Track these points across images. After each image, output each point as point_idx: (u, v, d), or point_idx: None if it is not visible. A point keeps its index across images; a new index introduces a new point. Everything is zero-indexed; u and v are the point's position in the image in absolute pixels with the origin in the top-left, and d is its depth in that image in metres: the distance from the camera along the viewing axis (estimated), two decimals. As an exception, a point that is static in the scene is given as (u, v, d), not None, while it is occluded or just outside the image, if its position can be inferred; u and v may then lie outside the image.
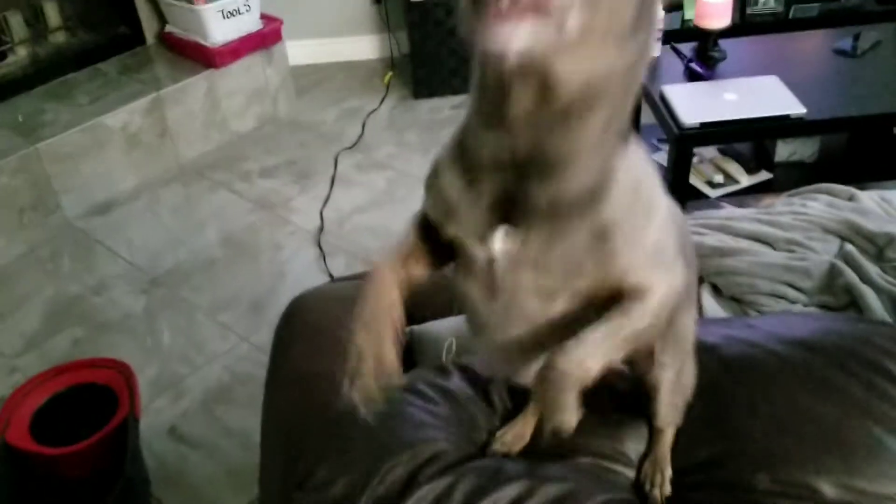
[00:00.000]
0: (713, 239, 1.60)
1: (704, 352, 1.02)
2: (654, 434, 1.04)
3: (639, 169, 0.76)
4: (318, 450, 1.07)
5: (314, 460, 1.02)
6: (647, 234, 0.77)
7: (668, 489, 0.98)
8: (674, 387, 1.00)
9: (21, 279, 2.55)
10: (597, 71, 0.64)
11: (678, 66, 2.47)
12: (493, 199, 0.73)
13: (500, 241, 0.74)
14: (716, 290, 1.53)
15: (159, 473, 1.91)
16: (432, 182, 0.83)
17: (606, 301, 0.79)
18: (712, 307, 1.48)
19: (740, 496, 0.88)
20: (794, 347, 1.00)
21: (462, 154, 0.76)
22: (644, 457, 1.03)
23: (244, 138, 3.22)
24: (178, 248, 2.64)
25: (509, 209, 0.73)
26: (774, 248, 1.58)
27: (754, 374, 1.00)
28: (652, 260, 0.78)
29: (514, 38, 0.57)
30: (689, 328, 1.01)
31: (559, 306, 0.80)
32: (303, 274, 2.48)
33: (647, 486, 1.01)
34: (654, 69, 2.48)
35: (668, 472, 1.00)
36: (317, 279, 2.41)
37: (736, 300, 1.51)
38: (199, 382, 2.15)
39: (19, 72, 3.01)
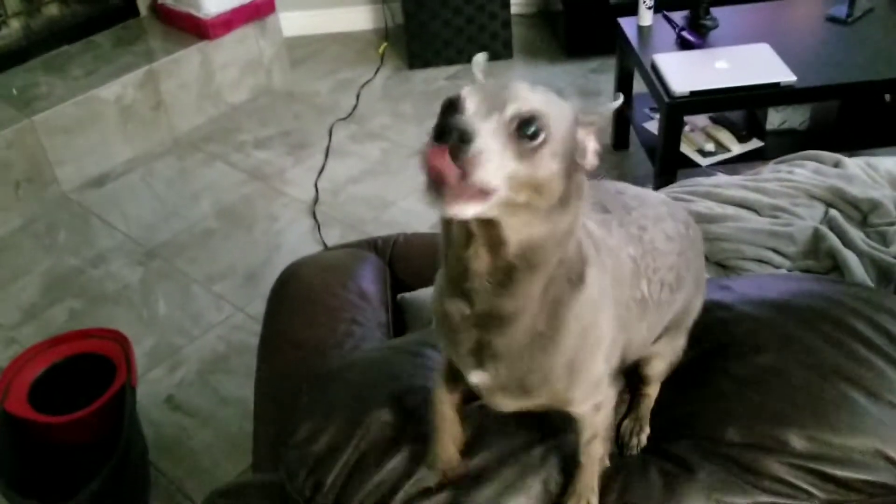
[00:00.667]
0: (700, 206, 1.62)
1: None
2: (636, 396, 1.07)
3: (589, 313, 0.84)
4: (304, 408, 1.09)
5: (300, 418, 1.04)
6: (590, 369, 0.88)
7: (643, 442, 1.03)
8: (664, 356, 1.05)
9: (18, 252, 2.57)
10: (534, 236, 0.75)
11: (670, 35, 2.47)
12: (467, 349, 0.86)
13: (475, 377, 0.88)
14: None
15: (157, 442, 1.94)
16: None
17: None
18: (697, 273, 1.50)
19: (710, 448, 0.91)
20: (765, 308, 1.02)
21: (439, 312, 0.88)
22: (624, 417, 1.06)
23: (238, 110, 3.22)
24: (174, 220, 2.66)
25: (480, 356, 0.86)
26: (760, 215, 1.60)
27: (727, 335, 1.02)
28: (592, 390, 0.90)
29: (464, 210, 0.67)
30: (692, 317, 1.07)
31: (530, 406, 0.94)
32: (297, 244, 2.50)
33: (626, 438, 1.05)
34: (646, 38, 2.48)
35: (647, 430, 1.04)
36: (311, 249, 2.43)
37: (722, 266, 1.53)
38: (195, 352, 2.18)
39: (13, 44, 3.00)
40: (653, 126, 2.55)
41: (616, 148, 2.79)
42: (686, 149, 2.43)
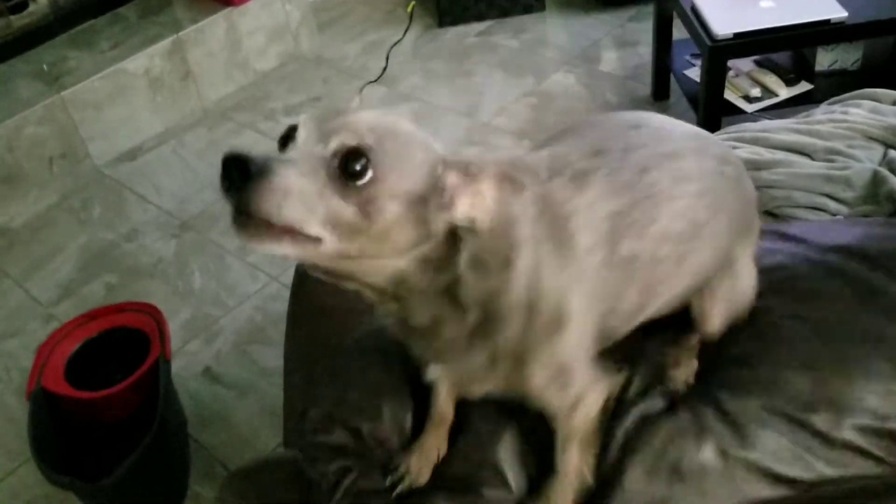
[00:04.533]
0: (746, 152, 1.52)
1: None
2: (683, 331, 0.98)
3: (526, 295, 0.75)
4: (318, 390, 1.04)
5: (317, 399, 1.00)
6: (547, 356, 0.79)
7: (691, 379, 0.94)
8: (722, 303, 0.95)
9: (54, 228, 2.56)
10: (399, 272, 0.68)
11: (711, -25, 2.34)
12: (416, 348, 0.81)
13: (433, 372, 0.86)
14: (750, 206, 1.46)
15: (196, 414, 1.92)
16: None
17: None
18: (746, 223, 1.41)
19: (775, 405, 0.82)
20: (834, 254, 0.94)
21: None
22: (669, 344, 0.97)
23: (267, 77, 3.17)
24: (206, 191, 2.63)
25: (431, 355, 0.82)
26: (813, 159, 1.51)
27: (793, 282, 0.93)
28: (556, 382, 0.81)
29: (277, 250, 0.62)
30: (745, 265, 0.96)
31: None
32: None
33: (671, 370, 0.95)
34: (685, -20, 2.36)
35: (695, 364, 0.95)
36: (344, 216, 2.38)
37: (772, 215, 1.44)
38: (231, 323, 2.15)
39: (41, 21, 2.98)
40: (694, 73, 2.44)
41: (656, 98, 2.68)
42: (730, 95, 2.31)
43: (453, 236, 0.70)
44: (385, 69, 3.11)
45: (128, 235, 2.49)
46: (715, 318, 0.95)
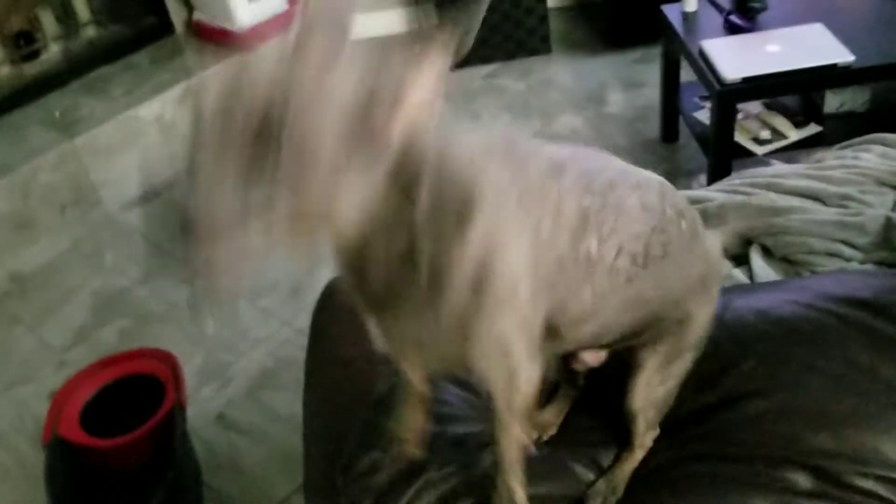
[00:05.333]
0: (762, 198, 1.53)
1: (756, 314, 0.97)
2: (622, 454, 1.01)
3: (492, 256, 0.74)
4: (360, 435, 1.05)
5: (357, 446, 1.00)
6: (492, 329, 0.77)
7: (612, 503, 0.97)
8: (658, 369, 0.97)
9: (67, 274, 2.57)
10: (351, 237, 0.70)
11: (717, 20, 2.38)
12: (362, 303, 0.80)
13: (375, 330, 0.83)
14: (766, 252, 1.47)
15: (211, 461, 1.91)
16: None
17: None
18: (763, 270, 1.42)
19: (796, 454, 0.83)
20: (852, 306, 0.95)
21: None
22: (601, 474, 1.00)
23: (278, 121, 3.20)
24: (218, 235, 2.64)
25: (374, 309, 0.81)
26: (826, 205, 1.51)
27: (811, 334, 0.94)
28: (495, 359, 0.80)
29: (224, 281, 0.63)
30: (701, 322, 0.97)
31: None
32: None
33: (594, 496, 0.98)
34: (692, 24, 2.39)
35: (620, 493, 0.97)
36: (356, 260, 2.39)
37: (788, 261, 1.44)
38: (244, 369, 2.15)
39: (53, 68, 3.03)
40: (703, 115, 2.46)
41: (665, 140, 2.70)
42: (740, 137, 2.33)
43: (408, 189, 0.68)
44: (394, 112, 3.13)
45: (140, 281, 2.50)
46: (644, 399, 0.97)
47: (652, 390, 0.96)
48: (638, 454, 1.00)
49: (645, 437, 1.00)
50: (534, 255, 0.77)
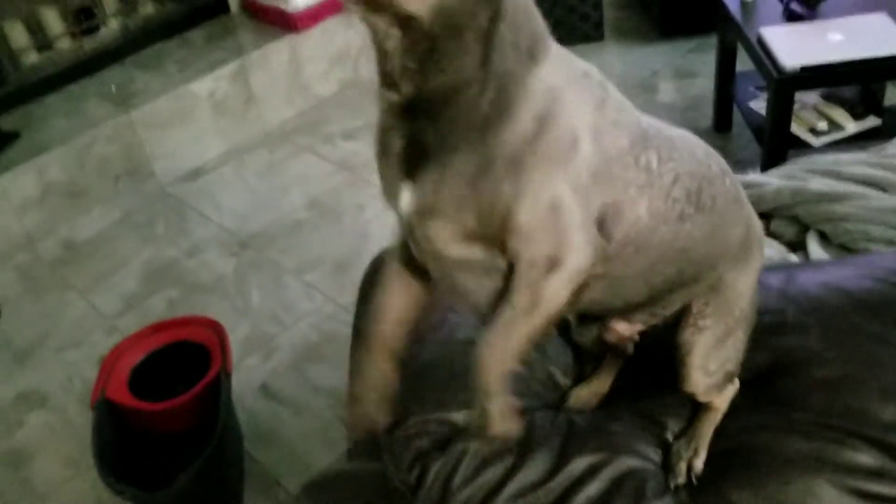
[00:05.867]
0: (819, 184, 1.50)
1: (821, 286, 0.95)
2: (697, 412, 0.99)
3: (544, 100, 0.69)
4: (404, 401, 1.06)
5: (402, 409, 1.00)
6: (545, 182, 0.70)
7: (698, 467, 0.94)
8: (709, 352, 0.94)
9: (119, 243, 2.63)
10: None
11: (776, 7, 2.33)
12: (398, 154, 0.73)
13: (405, 196, 0.73)
14: (823, 238, 1.44)
15: (252, 430, 1.94)
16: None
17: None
18: (820, 256, 1.39)
19: (863, 426, 0.81)
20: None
21: (377, 124, 0.77)
22: (680, 434, 0.98)
23: (326, 102, 3.22)
24: (265, 211, 2.67)
25: (411, 163, 0.72)
26: (887, 193, 1.47)
27: (879, 306, 0.92)
28: (544, 220, 0.71)
29: None
30: (739, 291, 0.95)
31: (477, 253, 0.75)
32: (385, 234, 2.46)
33: (675, 460, 0.96)
34: (750, 12, 2.35)
35: (703, 455, 0.95)
36: (401, 239, 2.40)
37: (846, 248, 1.41)
38: (288, 341, 2.17)
39: (111, 43, 3.08)
40: (758, 105, 2.42)
41: (718, 130, 2.65)
42: (796, 128, 2.28)
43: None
44: (443, 96, 3.13)
45: (189, 252, 2.54)
46: (700, 375, 0.94)
47: (709, 374, 0.94)
48: (718, 412, 0.98)
49: (721, 396, 0.98)
50: (597, 125, 0.73)
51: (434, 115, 0.70)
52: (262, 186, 2.81)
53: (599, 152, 0.74)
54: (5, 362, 2.24)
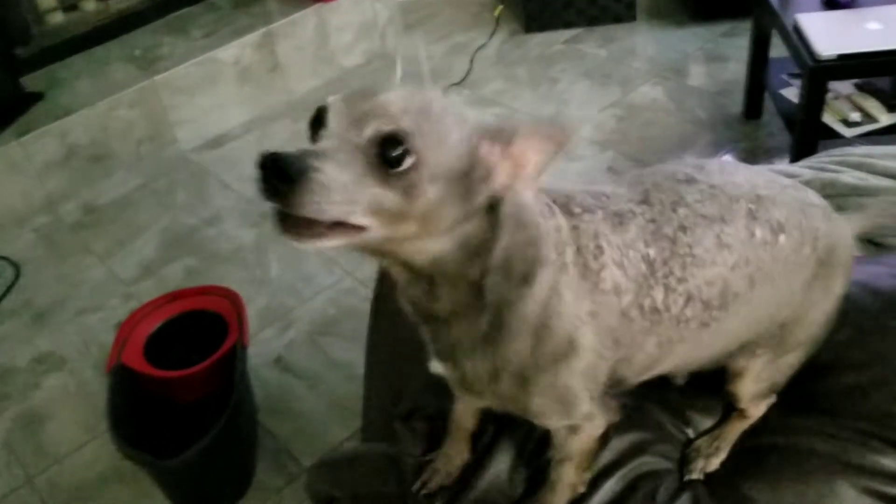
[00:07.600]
0: (852, 177, 1.46)
1: (853, 285, 0.92)
2: (726, 415, 0.98)
3: (538, 316, 0.75)
4: (420, 388, 1.05)
5: (418, 397, 0.99)
6: (550, 382, 0.78)
7: (713, 466, 0.95)
8: (765, 366, 0.93)
9: (138, 209, 2.63)
10: (438, 253, 0.68)
11: (814, -7, 2.27)
12: (429, 339, 0.82)
13: (437, 367, 0.84)
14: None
15: (266, 402, 1.94)
16: None
17: None
18: (849, 251, 1.36)
19: (888, 430, 0.79)
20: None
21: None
22: (704, 432, 0.97)
23: (352, 73, 3.19)
24: (287, 182, 2.66)
25: (437, 348, 0.82)
26: (922, 189, 1.44)
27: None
28: (555, 406, 0.81)
29: (325, 245, 0.62)
30: (810, 321, 0.91)
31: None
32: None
33: (693, 455, 0.97)
34: (788, -3, 2.29)
35: (723, 456, 0.94)
36: (422, 215, 2.38)
37: (874, 244, 1.38)
38: (305, 314, 2.17)
39: (137, 6, 3.07)
40: (791, 93, 2.37)
41: (747, 117, 2.60)
42: (828, 118, 2.23)
43: (494, 220, 0.71)
44: (469, 72, 3.10)
45: (209, 220, 2.54)
46: (752, 390, 0.94)
47: (760, 386, 0.94)
48: (748, 421, 0.98)
49: (759, 405, 0.97)
50: (594, 309, 0.78)
51: (443, 328, 0.77)
52: (284, 157, 2.79)
53: (601, 331, 0.79)
54: (24, 323, 2.25)
